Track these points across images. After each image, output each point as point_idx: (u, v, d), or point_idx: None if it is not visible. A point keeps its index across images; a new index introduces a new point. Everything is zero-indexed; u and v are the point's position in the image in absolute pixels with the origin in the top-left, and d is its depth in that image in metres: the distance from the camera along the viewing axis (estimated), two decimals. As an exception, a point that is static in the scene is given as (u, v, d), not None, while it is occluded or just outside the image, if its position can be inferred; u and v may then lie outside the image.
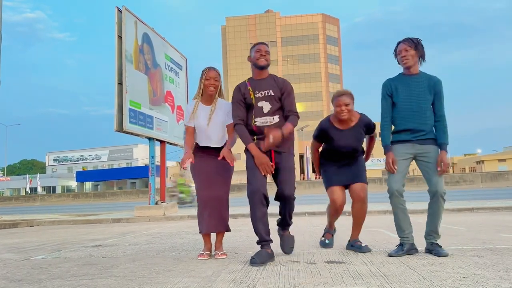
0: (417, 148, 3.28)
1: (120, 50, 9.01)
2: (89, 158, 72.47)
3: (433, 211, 3.25)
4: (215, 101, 3.65)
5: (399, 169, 3.27)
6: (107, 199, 33.51)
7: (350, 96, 3.54)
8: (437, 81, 3.30)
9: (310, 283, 2.46)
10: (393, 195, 3.27)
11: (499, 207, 8.70)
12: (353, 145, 3.62)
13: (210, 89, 3.57)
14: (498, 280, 2.36)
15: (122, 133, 9.13)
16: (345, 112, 3.50)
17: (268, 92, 3.34)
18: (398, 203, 3.28)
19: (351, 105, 3.53)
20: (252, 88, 3.38)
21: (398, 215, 3.32)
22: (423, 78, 3.31)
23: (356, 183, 3.57)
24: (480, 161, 53.02)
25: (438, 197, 3.18)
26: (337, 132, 3.62)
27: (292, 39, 79.76)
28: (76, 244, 5.09)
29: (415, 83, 3.30)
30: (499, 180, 25.77)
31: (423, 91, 3.27)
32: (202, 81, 3.59)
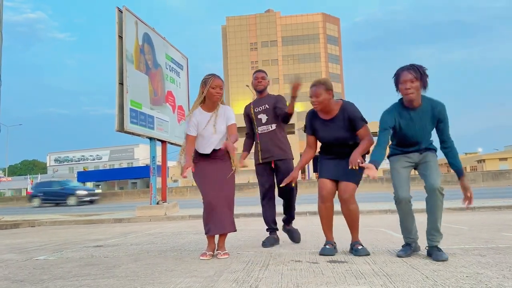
0: (418, 157, 3.27)
1: (120, 50, 9.00)
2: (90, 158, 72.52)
3: (431, 206, 3.14)
4: (218, 107, 3.65)
5: (404, 177, 3.23)
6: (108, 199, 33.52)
7: (322, 87, 3.36)
8: (441, 108, 3.13)
9: (313, 282, 2.46)
10: (401, 203, 3.20)
11: (500, 206, 8.69)
12: (336, 136, 3.45)
13: (216, 97, 3.57)
14: (502, 279, 2.35)
15: (123, 133, 9.12)
16: (316, 104, 3.38)
17: (265, 106, 4.25)
18: (406, 209, 3.22)
19: (323, 96, 3.34)
20: (253, 105, 4.35)
21: (407, 220, 3.26)
22: (426, 108, 3.15)
23: (341, 182, 3.44)
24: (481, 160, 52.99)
25: (435, 191, 3.07)
26: (321, 122, 3.52)
27: (293, 39, 79.74)
28: (77, 244, 5.09)
29: (419, 117, 3.15)
30: (500, 179, 25.73)
31: (427, 123, 3.16)
32: (207, 88, 3.56)
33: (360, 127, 3.40)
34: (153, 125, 10.07)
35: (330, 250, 3.43)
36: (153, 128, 10.07)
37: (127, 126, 8.91)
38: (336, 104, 3.48)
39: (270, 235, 4.24)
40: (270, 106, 4.23)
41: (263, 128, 4.23)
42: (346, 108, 3.44)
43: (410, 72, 3.07)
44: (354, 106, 3.48)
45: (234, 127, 3.65)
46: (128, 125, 8.96)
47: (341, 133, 3.44)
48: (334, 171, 3.48)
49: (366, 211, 8.26)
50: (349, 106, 3.45)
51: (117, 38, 9.01)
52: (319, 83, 3.42)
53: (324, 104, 3.41)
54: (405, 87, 3.07)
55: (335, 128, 3.45)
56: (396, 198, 3.22)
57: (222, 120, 3.63)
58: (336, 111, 3.46)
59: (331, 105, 3.44)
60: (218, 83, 3.56)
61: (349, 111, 3.41)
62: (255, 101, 4.38)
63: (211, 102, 3.60)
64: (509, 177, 25.97)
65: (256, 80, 4.32)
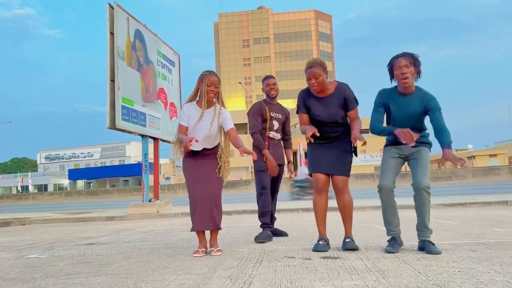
0: (409, 150, 3.30)
1: (112, 46, 8.93)
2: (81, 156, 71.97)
3: (418, 204, 3.20)
4: (215, 107, 3.64)
5: (390, 166, 3.29)
6: (100, 197, 33.33)
7: (320, 67, 3.40)
8: (429, 98, 3.20)
9: (306, 278, 2.47)
10: (382, 190, 3.27)
11: (490, 201, 8.79)
12: (330, 112, 3.46)
13: (210, 95, 3.56)
14: (493, 274, 2.38)
15: (115, 130, 9.06)
16: (315, 84, 3.41)
17: (279, 115, 4.51)
18: (388, 198, 3.27)
19: (322, 76, 3.39)
20: (268, 109, 4.44)
21: (387, 210, 3.32)
22: (417, 96, 3.22)
23: (335, 176, 3.49)
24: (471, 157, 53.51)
25: (421, 190, 3.13)
26: (314, 99, 3.53)
27: (285, 36, 79.73)
28: (69, 242, 5.05)
29: (409, 104, 3.22)
30: (490, 175, 26.04)
31: (416, 112, 3.23)
32: (203, 85, 3.55)
33: (353, 108, 3.49)
34: (145, 122, 10.02)
35: (324, 246, 3.44)
36: (145, 125, 10.01)
37: (118, 123, 8.84)
38: (331, 84, 3.53)
39: (263, 230, 4.25)
40: (282, 117, 4.53)
41: (274, 134, 4.46)
42: (342, 88, 3.51)
43: (404, 58, 3.16)
44: (349, 87, 3.54)
45: (234, 132, 3.63)
46: (120, 122, 8.89)
47: (335, 110, 3.47)
48: (325, 166, 3.51)
49: (358, 207, 8.30)
50: (345, 86, 3.53)
51: (108, 34, 8.93)
52: (316, 64, 3.43)
53: (323, 85, 3.45)
54: (401, 72, 3.14)
55: (330, 105, 3.48)
56: (378, 185, 3.30)
57: (215, 120, 3.60)
58: (331, 90, 3.51)
59: (327, 85, 3.50)
60: (213, 81, 3.55)
61: (345, 91, 3.49)
62: (269, 105, 4.47)
63: (206, 99, 3.58)
64: (498, 173, 26.29)
65: (268, 86, 4.47)
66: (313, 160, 3.61)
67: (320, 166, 3.52)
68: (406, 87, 3.19)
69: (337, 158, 3.50)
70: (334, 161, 3.50)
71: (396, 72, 3.18)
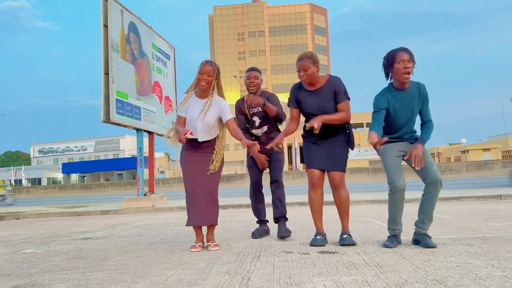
0: (408, 146, 3.29)
1: (106, 39, 8.84)
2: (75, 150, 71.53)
3: (430, 197, 3.19)
4: (210, 97, 3.60)
5: (399, 165, 3.25)
6: (94, 191, 33.21)
7: (310, 60, 3.40)
8: (424, 88, 3.22)
9: (305, 273, 2.46)
10: (397, 191, 3.19)
11: (484, 195, 8.85)
12: (320, 105, 3.44)
13: (202, 84, 3.52)
14: (491, 268, 2.38)
15: (109, 124, 8.99)
16: (304, 77, 3.41)
17: (258, 108, 4.12)
18: (400, 198, 3.22)
19: (311, 69, 3.39)
20: (247, 105, 4.16)
21: (397, 209, 3.26)
22: (414, 90, 3.22)
23: (331, 172, 3.47)
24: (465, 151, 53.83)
25: (438, 183, 3.14)
26: (305, 93, 3.52)
27: (280, 29, 79.46)
28: (65, 236, 5.02)
29: (409, 99, 3.21)
30: (484, 169, 26.23)
31: (416, 104, 3.22)
32: (196, 74, 3.54)
33: (341, 100, 3.45)
34: (139, 116, 9.95)
35: (321, 241, 3.44)
36: (139, 119, 9.95)
37: (113, 117, 8.78)
38: (323, 78, 3.53)
39: (260, 226, 4.24)
40: (262, 108, 4.11)
41: (257, 131, 4.20)
42: (333, 81, 3.49)
43: (406, 53, 3.12)
44: (340, 80, 3.52)
45: (233, 123, 3.59)
46: (114, 116, 8.83)
47: (325, 104, 3.45)
48: (321, 161, 3.49)
49: (353, 201, 8.32)
50: (335, 80, 3.51)
51: (102, 27, 8.84)
52: (307, 57, 3.43)
53: (312, 78, 3.44)
54: (405, 65, 3.09)
55: (320, 99, 3.47)
56: (392, 186, 3.20)
57: (213, 111, 3.57)
58: (322, 84, 3.50)
59: (318, 78, 3.49)
60: (206, 70, 3.50)
61: (335, 84, 3.47)
62: (247, 100, 4.18)
63: (200, 89, 3.56)
64: (492, 167, 26.48)
65: (249, 79, 4.13)
66: (308, 155, 3.60)
67: (314, 162, 3.51)
68: (406, 82, 3.16)
69: (332, 154, 3.49)
70: (330, 157, 3.48)
71: (398, 66, 3.11)
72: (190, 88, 3.65)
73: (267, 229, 4.25)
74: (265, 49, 79.25)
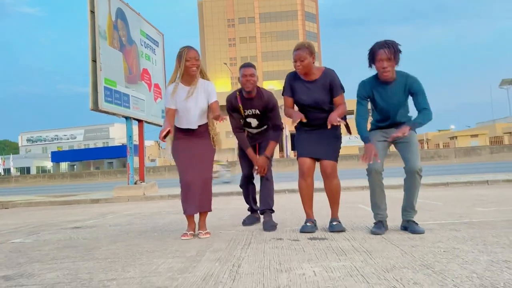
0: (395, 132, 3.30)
1: (93, 26, 8.70)
2: (64, 138, 70.79)
3: (409, 186, 3.25)
4: (196, 81, 3.56)
5: (378, 149, 3.28)
6: (84, 180, 33.01)
7: (307, 51, 3.37)
8: (412, 81, 3.20)
9: (295, 260, 2.48)
10: (371, 173, 3.27)
11: (472, 181, 8.99)
12: (315, 97, 3.43)
13: (193, 69, 3.47)
14: (477, 253, 2.43)
15: (98, 112, 8.91)
16: (300, 68, 3.39)
17: (255, 111, 3.90)
18: (376, 181, 3.28)
19: (308, 59, 3.37)
20: (242, 105, 3.90)
21: (376, 192, 3.32)
22: (400, 82, 3.21)
23: (323, 161, 3.47)
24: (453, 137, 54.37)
25: (414, 174, 3.18)
26: (301, 83, 3.50)
27: (271, 15, 78.82)
28: (54, 226, 4.99)
29: (392, 92, 3.21)
30: (472, 155, 26.55)
31: (400, 97, 3.23)
32: (182, 62, 3.47)
33: (338, 94, 3.47)
34: (128, 104, 9.87)
35: (311, 227, 3.47)
36: (128, 107, 9.86)
37: (101, 105, 8.70)
38: (318, 69, 3.50)
39: (251, 214, 4.25)
40: (261, 111, 3.90)
41: (253, 131, 4.06)
42: (329, 74, 3.48)
43: (385, 51, 3.10)
44: (335, 73, 3.52)
45: (217, 106, 3.56)
46: (103, 104, 8.74)
47: (320, 96, 3.45)
48: (313, 150, 3.49)
49: (343, 187, 8.34)
50: (331, 72, 3.50)
51: (89, 13, 8.69)
52: (303, 47, 3.40)
53: (308, 68, 3.42)
54: (382, 66, 3.12)
55: (315, 90, 3.46)
56: (367, 169, 3.29)
57: (202, 95, 3.54)
58: (317, 75, 3.48)
59: (313, 69, 3.47)
60: (193, 55, 3.47)
61: (331, 77, 3.46)
62: (243, 100, 3.90)
63: (188, 75, 3.52)
64: (480, 153, 26.81)
65: (244, 77, 3.80)
66: (299, 144, 3.60)
67: (306, 150, 3.52)
68: (385, 79, 3.19)
69: (325, 143, 3.49)
70: (322, 146, 3.48)
71: (377, 65, 3.15)
72: (176, 77, 3.57)
73: (258, 217, 4.27)
74: (255, 36, 78.69)
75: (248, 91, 3.82)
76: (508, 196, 6.04)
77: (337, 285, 1.93)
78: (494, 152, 26.58)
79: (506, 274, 1.96)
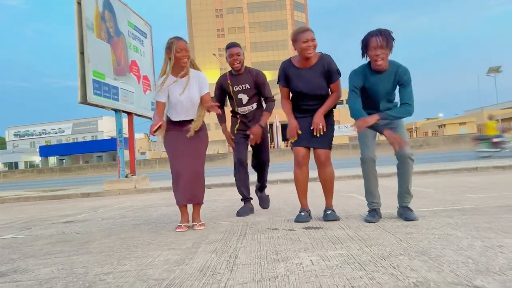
0: (384, 121, 3.31)
1: (80, 17, 8.53)
2: (52, 132, 69.95)
3: (402, 172, 3.28)
4: (189, 72, 3.51)
5: (369, 137, 3.31)
6: (74, 174, 32.73)
7: (313, 33, 3.38)
8: (402, 72, 3.19)
9: (291, 249, 2.49)
10: (365, 162, 3.30)
11: (461, 168, 9.09)
12: (310, 85, 3.41)
13: (184, 61, 3.43)
14: (471, 239, 2.45)
15: (87, 105, 8.79)
16: (312, 48, 3.33)
17: (245, 86, 4.02)
18: (371, 169, 3.31)
19: (315, 41, 3.36)
20: (231, 82, 4.05)
21: (370, 181, 3.35)
22: (391, 72, 3.21)
23: (317, 149, 3.48)
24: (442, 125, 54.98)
25: (406, 159, 3.22)
26: (296, 71, 3.46)
27: (259, 5, 78.27)
28: (46, 221, 4.94)
29: (383, 81, 3.21)
30: (460, 142, 26.86)
31: (389, 86, 3.23)
32: (172, 54, 3.42)
33: (335, 80, 3.45)
34: (117, 97, 9.74)
35: (306, 217, 3.48)
36: (117, 99, 9.74)
37: (90, 98, 8.57)
38: (315, 55, 3.45)
39: (244, 205, 4.24)
40: (251, 86, 4.03)
41: (244, 109, 4.11)
42: (326, 59, 3.45)
43: (379, 39, 3.09)
44: (331, 58, 3.48)
45: (209, 97, 3.54)
46: (92, 96, 8.61)
47: (316, 83, 3.42)
48: (307, 139, 3.48)
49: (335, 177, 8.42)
50: (328, 58, 3.47)
51: (75, 4, 8.52)
52: (309, 29, 3.38)
53: (315, 50, 3.38)
54: (375, 53, 3.11)
55: (311, 77, 3.42)
56: (361, 157, 3.33)
57: (194, 86, 3.50)
58: (313, 61, 3.44)
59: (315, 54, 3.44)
60: (183, 46, 3.43)
61: (329, 62, 3.43)
62: (232, 77, 4.08)
63: (179, 66, 3.47)
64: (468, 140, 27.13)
65: (231, 57, 3.97)
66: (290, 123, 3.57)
67: (300, 140, 3.50)
68: (378, 68, 3.18)
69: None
70: (316, 137, 3.46)
71: (370, 53, 3.14)
72: (166, 69, 3.50)
73: (251, 206, 4.27)
74: (244, 26, 78.16)
75: (237, 69, 3.99)
76: (497, 182, 6.12)
77: (335, 273, 1.94)
78: (473, 140, 26.98)
79: (501, 259, 1.99)
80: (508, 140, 13.51)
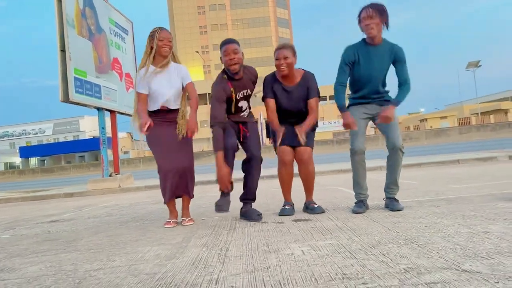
0: (375, 109, 3.35)
1: (60, 14, 8.38)
2: (33, 133, 68.47)
3: (393, 163, 3.34)
4: (169, 63, 3.46)
5: (360, 128, 3.34)
6: (56, 174, 32.15)
7: (290, 50, 3.39)
8: (397, 49, 3.27)
9: (282, 241, 2.50)
10: (356, 153, 3.34)
11: (444, 161, 9.27)
12: (294, 103, 3.46)
13: (165, 49, 3.37)
14: (458, 226, 2.51)
15: (69, 103, 8.64)
16: (284, 65, 3.37)
17: (247, 91, 3.50)
18: (360, 161, 3.37)
19: (291, 59, 3.38)
20: (234, 89, 3.39)
21: (359, 172, 3.40)
22: (385, 48, 3.26)
23: (299, 148, 3.47)
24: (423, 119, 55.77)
25: (397, 150, 3.27)
26: (279, 88, 3.49)
27: (242, 2, 77.97)
28: (30, 221, 4.85)
29: (378, 54, 3.26)
30: (442, 136, 27.37)
31: (385, 62, 3.27)
32: (154, 42, 3.36)
33: (312, 96, 3.49)
34: (100, 94, 9.61)
35: (289, 210, 3.53)
36: (100, 97, 9.61)
37: (72, 96, 8.44)
38: (298, 72, 3.52)
39: (224, 198, 3.44)
40: (251, 90, 3.54)
41: (240, 117, 3.57)
42: (308, 77, 3.51)
43: (369, 10, 3.18)
44: (314, 77, 3.56)
45: (192, 87, 3.45)
46: (73, 95, 8.48)
47: (300, 101, 3.49)
48: (291, 139, 3.49)
49: (318, 172, 8.48)
50: (311, 76, 3.53)
51: (55, 1, 8.36)
52: (287, 46, 3.44)
53: (290, 68, 3.42)
54: (365, 23, 3.19)
55: (296, 97, 3.48)
56: (351, 149, 3.37)
57: (176, 77, 3.43)
58: (298, 78, 3.50)
59: (294, 71, 3.48)
60: (166, 35, 3.39)
61: (310, 80, 3.50)
62: (234, 83, 3.41)
63: (161, 56, 3.40)
64: (449, 134, 27.68)
65: (227, 56, 3.29)
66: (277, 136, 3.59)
67: (285, 140, 3.53)
68: (372, 37, 3.23)
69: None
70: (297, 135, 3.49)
71: (362, 24, 3.23)
72: (146, 60, 3.41)
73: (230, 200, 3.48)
74: (226, 23, 77.80)
75: (234, 72, 3.32)
76: (479, 173, 6.26)
77: (327, 262, 1.95)
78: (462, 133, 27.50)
79: (487, 244, 2.03)
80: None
